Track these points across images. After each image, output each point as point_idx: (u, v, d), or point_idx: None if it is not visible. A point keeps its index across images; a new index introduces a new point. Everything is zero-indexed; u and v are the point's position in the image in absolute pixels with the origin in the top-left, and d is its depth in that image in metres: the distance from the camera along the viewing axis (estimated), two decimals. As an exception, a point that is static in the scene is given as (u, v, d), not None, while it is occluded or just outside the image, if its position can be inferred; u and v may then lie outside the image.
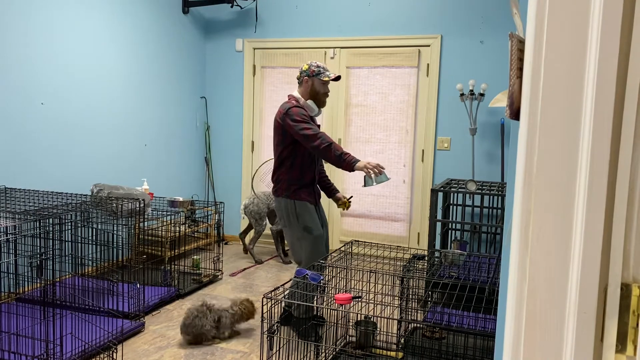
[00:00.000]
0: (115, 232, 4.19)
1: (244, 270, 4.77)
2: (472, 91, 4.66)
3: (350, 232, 5.43)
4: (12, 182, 3.67)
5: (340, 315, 3.46)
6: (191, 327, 3.10)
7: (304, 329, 3.22)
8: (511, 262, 0.82)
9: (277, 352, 2.76)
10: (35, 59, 3.80)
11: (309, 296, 2.93)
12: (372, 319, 3.15)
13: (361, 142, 5.30)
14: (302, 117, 3.11)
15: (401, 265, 3.11)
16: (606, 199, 0.74)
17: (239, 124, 5.72)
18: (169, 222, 4.44)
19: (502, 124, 4.81)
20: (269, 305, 2.22)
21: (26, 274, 3.64)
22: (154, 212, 4.32)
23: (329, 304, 2.60)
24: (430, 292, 3.63)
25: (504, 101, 4.21)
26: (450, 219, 4.49)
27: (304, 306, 3.17)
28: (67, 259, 3.88)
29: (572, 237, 0.76)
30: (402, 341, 3.15)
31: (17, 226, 3.39)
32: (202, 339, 3.14)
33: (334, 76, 3.25)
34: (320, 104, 3.29)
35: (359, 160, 3.04)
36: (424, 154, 5.08)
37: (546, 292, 0.78)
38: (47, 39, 3.88)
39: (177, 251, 4.59)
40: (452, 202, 4.67)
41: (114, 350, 2.88)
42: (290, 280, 2.68)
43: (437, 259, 3.34)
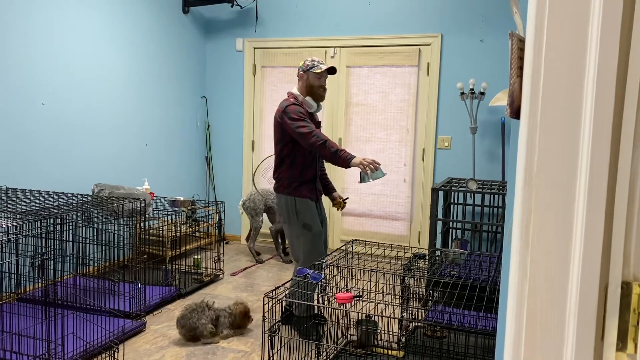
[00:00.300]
0: (116, 232, 4.19)
1: (245, 269, 4.77)
2: (472, 90, 4.66)
3: (351, 231, 5.43)
4: (13, 182, 3.68)
5: (341, 314, 3.46)
6: (185, 320, 3.13)
7: (305, 328, 3.22)
8: (512, 261, 0.82)
9: (278, 352, 2.76)
10: (35, 59, 3.80)
11: (310, 295, 2.94)
12: (373, 318, 3.15)
13: (362, 141, 5.30)
14: (299, 115, 3.11)
15: (402, 264, 3.11)
16: (606, 197, 0.74)
17: (240, 123, 5.72)
18: (170, 221, 4.44)
19: (502, 123, 4.81)
20: (270, 304, 2.22)
21: (28, 274, 3.64)
22: (155, 212, 4.32)
23: (330, 303, 2.60)
24: (431, 291, 3.63)
25: (505, 100, 4.21)
26: (451, 218, 4.50)
27: (305, 305, 3.17)
28: (68, 258, 3.89)
29: (572, 236, 0.76)
30: (403, 340, 3.15)
31: (18, 226, 3.39)
32: (195, 333, 3.16)
33: (326, 67, 3.23)
34: (317, 97, 3.26)
35: (355, 156, 3.04)
36: (425, 153, 5.08)
37: (547, 291, 0.78)
38: (47, 39, 3.88)
39: (178, 251, 4.60)
40: (452, 201, 4.67)
41: (116, 349, 2.88)
42: (291, 279, 2.69)
43: (437, 258, 3.34)
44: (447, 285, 3.36)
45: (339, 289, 2.84)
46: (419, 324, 3.38)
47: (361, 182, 3.10)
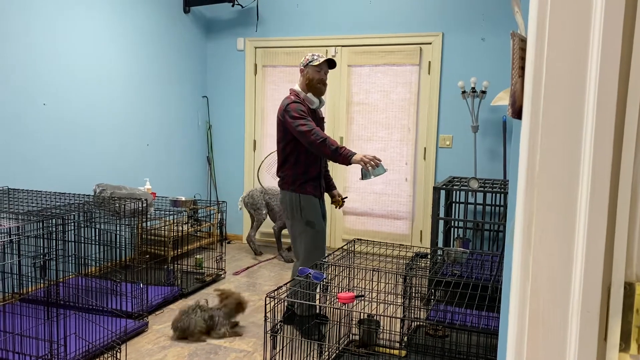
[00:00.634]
0: (118, 232, 4.19)
1: (247, 269, 4.77)
2: (473, 89, 4.65)
3: (352, 230, 5.43)
4: (14, 182, 3.68)
5: (343, 313, 3.46)
6: (178, 323, 3.19)
7: (307, 328, 3.22)
8: (514, 261, 0.82)
9: (281, 351, 2.76)
10: (36, 59, 3.80)
11: (312, 295, 2.94)
12: (375, 318, 3.15)
13: (363, 140, 5.29)
14: (300, 113, 3.10)
15: (404, 263, 3.11)
16: (609, 197, 0.74)
17: (241, 123, 5.72)
18: (172, 221, 4.44)
19: (504, 121, 4.80)
20: (272, 304, 2.22)
21: (30, 275, 3.65)
22: (157, 212, 4.32)
23: (332, 303, 2.60)
24: (433, 290, 3.63)
25: (506, 99, 4.20)
26: (452, 217, 4.49)
27: (307, 305, 3.17)
28: (70, 259, 3.89)
29: (575, 236, 0.76)
30: (405, 339, 3.15)
31: (20, 227, 3.40)
32: (189, 334, 3.20)
33: (324, 59, 3.22)
34: (317, 92, 3.24)
35: (355, 153, 3.02)
36: (426, 151, 5.07)
37: (549, 291, 0.78)
38: (48, 40, 3.89)
39: (180, 250, 4.60)
40: (454, 199, 4.67)
41: (118, 350, 2.89)
42: (292, 279, 2.69)
43: (439, 257, 3.34)
44: (449, 284, 3.35)
45: (340, 289, 2.84)
46: (421, 323, 3.38)
47: (362, 178, 3.09)
